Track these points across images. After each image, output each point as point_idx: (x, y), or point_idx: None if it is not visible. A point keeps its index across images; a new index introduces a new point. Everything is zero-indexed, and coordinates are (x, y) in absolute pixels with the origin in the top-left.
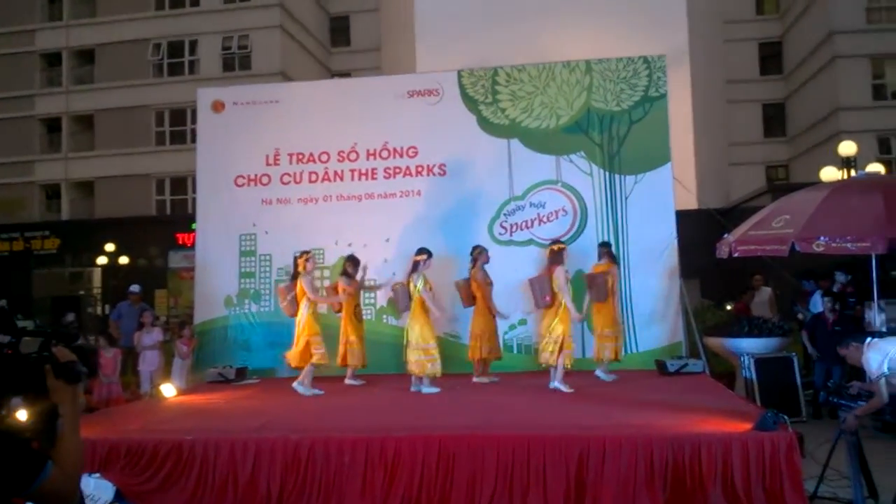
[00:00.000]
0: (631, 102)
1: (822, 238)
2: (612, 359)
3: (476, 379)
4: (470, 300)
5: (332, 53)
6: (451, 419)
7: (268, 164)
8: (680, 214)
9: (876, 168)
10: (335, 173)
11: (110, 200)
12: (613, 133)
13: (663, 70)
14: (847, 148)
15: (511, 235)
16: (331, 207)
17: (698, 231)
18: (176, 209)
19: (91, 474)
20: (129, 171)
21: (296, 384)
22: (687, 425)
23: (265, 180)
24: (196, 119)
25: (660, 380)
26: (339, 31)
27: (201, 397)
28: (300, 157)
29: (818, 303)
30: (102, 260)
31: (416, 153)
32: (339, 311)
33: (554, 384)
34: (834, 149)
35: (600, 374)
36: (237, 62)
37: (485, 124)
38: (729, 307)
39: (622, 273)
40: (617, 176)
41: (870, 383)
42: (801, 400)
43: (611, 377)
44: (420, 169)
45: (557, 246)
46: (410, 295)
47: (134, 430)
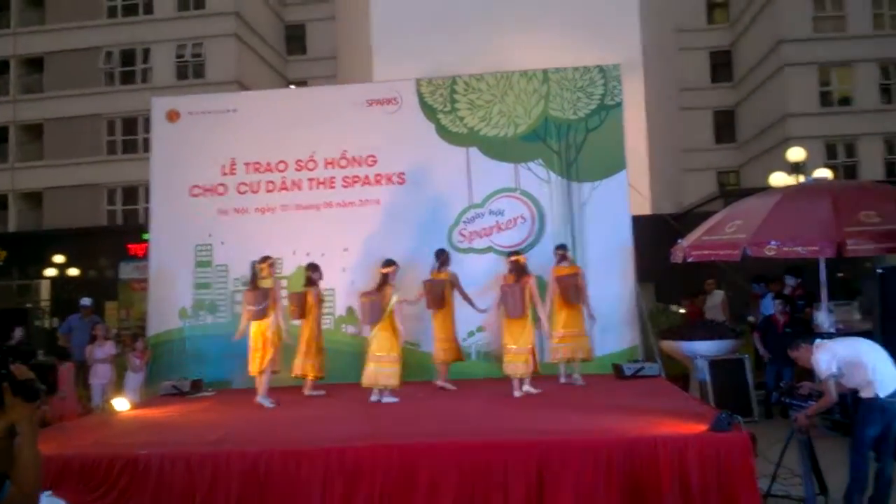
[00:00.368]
0: (587, 111)
1: (773, 242)
2: (585, 358)
3: (440, 384)
4: (440, 303)
5: (288, 61)
6: (411, 428)
7: (224, 174)
8: (634, 219)
9: (824, 173)
10: (293, 182)
11: (59, 211)
12: (570, 141)
13: (618, 79)
14: (796, 154)
15: (470, 243)
16: (289, 217)
17: (652, 235)
18: (128, 219)
19: (43, 492)
20: (79, 181)
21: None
22: (644, 428)
23: (221, 190)
24: (150, 128)
25: (617, 383)
26: (295, 40)
27: (156, 411)
28: (257, 167)
29: (769, 305)
30: (51, 272)
31: (375, 162)
32: (300, 319)
33: (526, 388)
34: (783, 154)
35: (577, 379)
36: (191, 70)
37: (443, 133)
38: (682, 311)
39: None
40: (574, 183)
41: (820, 383)
42: (753, 400)
43: (579, 381)
44: (379, 177)
45: (520, 257)
46: (383, 308)
47: (87, 445)
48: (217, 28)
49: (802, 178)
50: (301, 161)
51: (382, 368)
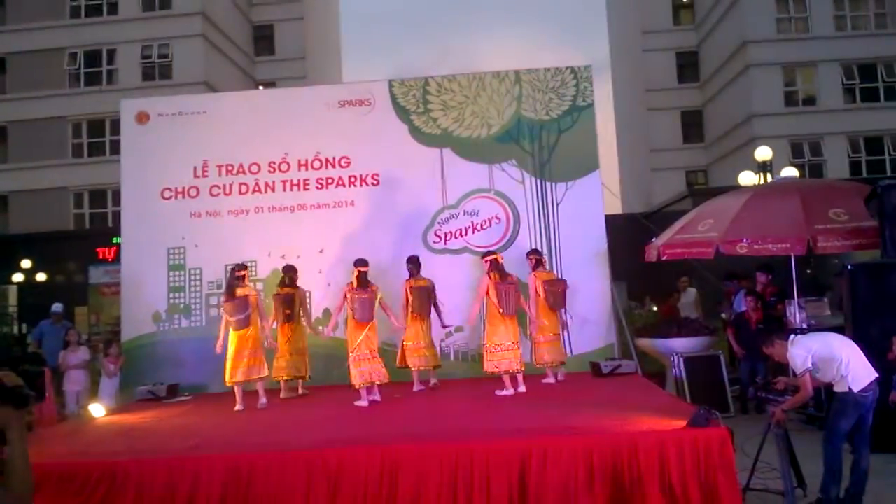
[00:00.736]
0: (559, 111)
1: (745, 240)
2: (562, 361)
3: (434, 381)
4: (429, 309)
5: (257, 62)
6: (393, 429)
7: (196, 176)
8: (605, 218)
9: (790, 172)
10: (266, 184)
11: (25, 215)
12: (543, 142)
13: (589, 80)
14: (763, 153)
15: (446, 244)
16: (262, 219)
17: (623, 234)
18: (95, 223)
19: None
20: (45, 185)
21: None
22: (624, 425)
23: (193, 192)
24: (118, 130)
25: (594, 381)
26: (263, 40)
27: (132, 416)
28: (230, 169)
29: (742, 302)
30: (18, 277)
31: (349, 163)
32: (290, 322)
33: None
34: (750, 154)
35: (561, 376)
36: (158, 71)
37: (417, 134)
38: (645, 310)
39: None
40: (548, 183)
41: (795, 378)
42: (729, 396)
43: (561, 377)
44: (353, 179)
45: (498, 255)
46: (373, 305)
47: (65, 454)
48: (183, 29)
49: (770, 178)
50: (274, 163)
51: (373, 365)
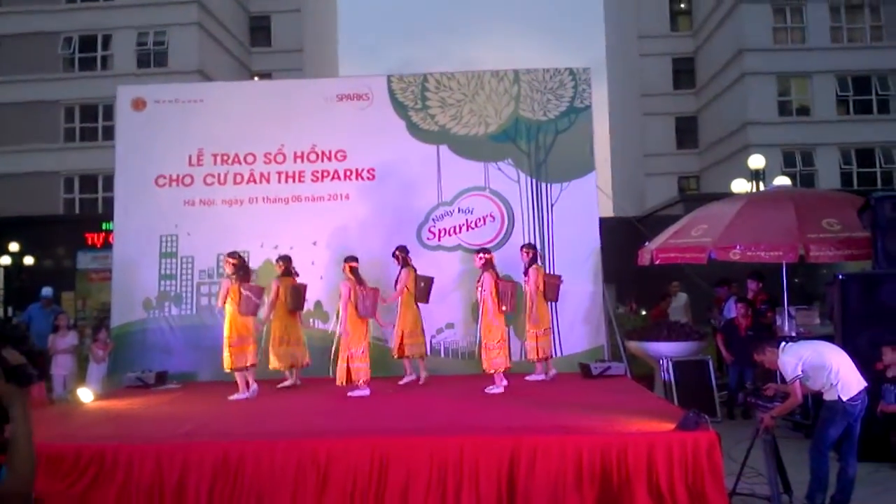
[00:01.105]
0: (557, 113)
1: (738, 247)
2: (551, 354)
3: (424, 375)
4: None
5: (253, 53)
6: (384, 422)
7: (191, 165)
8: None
9: (783, 181)
10: (261, 175)
11: (15, 198)
12: (540, 142)
13: (588, 82)
14: (756, 161)
15: (439, 241)
16: (256, 209)
17: (614, 237)
18: (86, 208)
19: None
20: (36, 169)
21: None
22: (613, 426)
23: (188, 181)
24: (111, 116)
25: (584, 382)
26: (260, 31)
27: (121, 402)
28: (225, 158)
29: (732, 309)
30: (6, 260)
31: (345, 157)
32: (299, 310)
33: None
34: (743, 161)
35: (552, 374)
36: (153, 58)
37: (414, 130)
38: (643, 312)
39: None
40: (543, 183)
41: (785, 385)
42: (716, 401)
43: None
44: (349, 173)
45: (490, 255)
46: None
47: (55, 436)
48: (180, 16)
49: (762, 186)
50: (270, 154)
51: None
